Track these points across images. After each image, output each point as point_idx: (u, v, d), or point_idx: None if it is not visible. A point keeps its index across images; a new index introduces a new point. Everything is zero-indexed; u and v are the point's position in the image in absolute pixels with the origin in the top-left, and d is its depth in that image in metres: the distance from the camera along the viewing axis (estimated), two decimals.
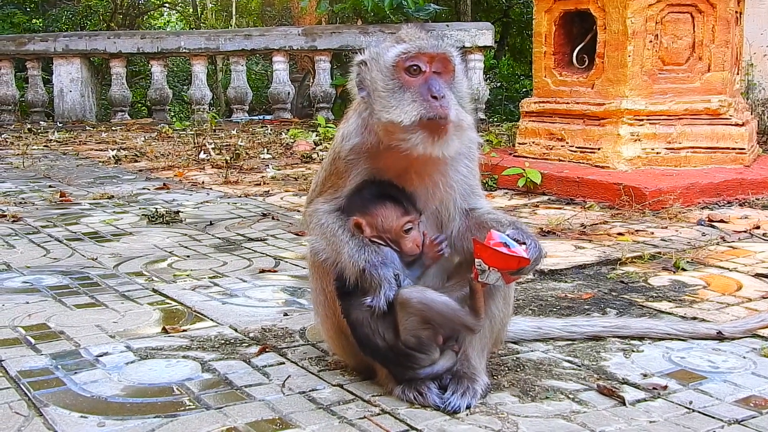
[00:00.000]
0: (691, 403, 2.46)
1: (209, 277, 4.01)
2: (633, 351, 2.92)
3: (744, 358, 2.84)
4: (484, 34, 13.29)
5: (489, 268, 2.31)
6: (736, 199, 5.88)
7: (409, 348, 2.42)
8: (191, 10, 26.16)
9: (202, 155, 8.95)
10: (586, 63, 6.85)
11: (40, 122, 13.90)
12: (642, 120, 6.40)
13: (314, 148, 9.59)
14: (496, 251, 2.29)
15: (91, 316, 3.37)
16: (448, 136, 2.39)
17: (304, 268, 4.07)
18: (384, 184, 2.51)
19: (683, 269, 4.05)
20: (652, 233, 4.89)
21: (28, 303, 3.54)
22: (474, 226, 2.57)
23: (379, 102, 2.43)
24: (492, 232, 2.35)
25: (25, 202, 6.21)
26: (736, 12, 6.74)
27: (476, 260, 2.33)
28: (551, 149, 6.91)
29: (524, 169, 6.36)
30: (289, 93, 14.13)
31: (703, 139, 6.44)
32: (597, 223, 5.21)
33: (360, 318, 2.45)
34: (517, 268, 2.33)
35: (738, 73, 7.19)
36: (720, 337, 3.02)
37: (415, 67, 2.40)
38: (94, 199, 6.39)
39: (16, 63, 14.48)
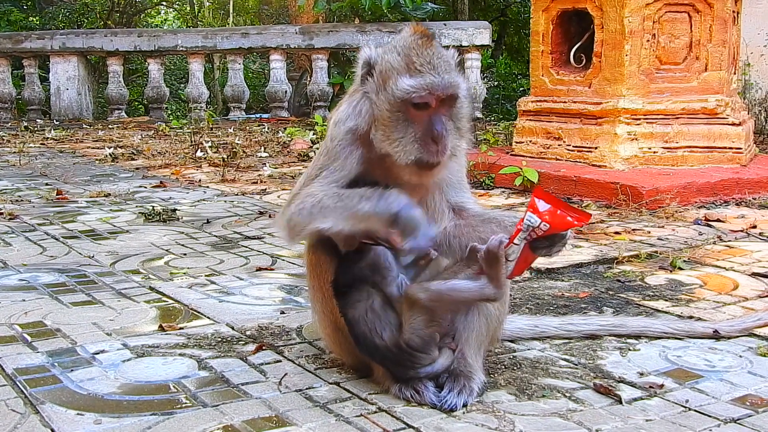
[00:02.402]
0: (687, 401, 2.46)
1: (206, 275, 4.00)
2: (630, 350, 2.92)
3: (740, 357, 2.85)
4: (481, 33, 13.30)
5: (540, 224, 2.21)
6: (733, 198, 5.88)
7: (411, 348, 2.42)
8: (188, 8, 26.14)
9: (199, 153, 8.94)
10: (584, 62, 6.85)
11: (37, 120, 13.87)
12: (639, 119, 6.41)
13: (311, 147, 9.58)
14: (562, 202, 2.23)
15: (88, 313, 3.37)
16: (437, 170, 2.44)
17: (301, 266, 4.06)
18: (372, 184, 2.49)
19: (680, 268, 4.05)
20: (649, 232, 4.89)
21: (24, 300, 3.54)
22: (477, 224, 2.57)
23: (381, 129, 2.41)
24: (535, 198, 2.28)
25: (22, 200, 6.20)
26: (734, 11, 6.75)
27: (527, 214, 2.22)
28: (548, 148, 6.91)
29: (521, 168, 6.36)
30: (286, 91, 14.12)
31: (700, 139, 6.44)
32: (594, 222, 5.21)
33: (356, 316, 2.45)
34: (577, 225, 2.25)
35: (735, 73, 7.20)
36: (716, 336, 3.03)
37: (423, 104, 2.37)
38: (90, 197, 6.38)
39: (12, 61, 14.45)
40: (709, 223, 5.12)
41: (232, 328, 3.18)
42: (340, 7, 15.23)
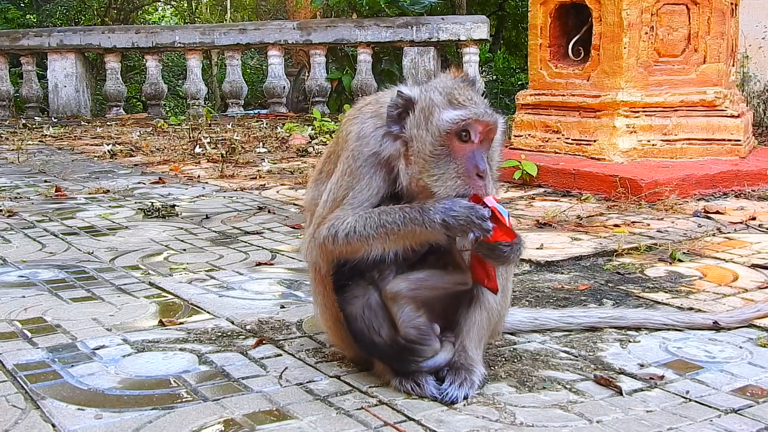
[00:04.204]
0: (687, 392, 2.46)
1: (205, 271, 4.00)
2: (630, 341, 2.93)
3: (740, 348, 2.85)
4: (479, 27, 13.27)
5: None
6: (732, 190, 5.88)
7: (410, 341, 2.42)
8: (186, 4, 26.12)
9: (197, 149, 8.93)
10: (582, 55, 6.85)
11: (35, 117, 13.86)
12: (638, 112, 6.40)
13: (310, 142, 9.57)
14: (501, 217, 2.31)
15: (88, 309, 3.37)
16: None
17: (301, 260, 4.07)
18: None
19: (679, 260, 4.05)
20: (648, 225, 4.89)
21: (24, 297, 3.54)
22: None
23: (422, 164, 2.38)
24: (490, 197, 2.35)
25: (21, 197, 6.19)
26: (732, 4, 6.74)
27: None
28: (547, 141, 6.91)
29: (520, 162, 6.35)
30: (284, 87, 14.11)
31: (698, 131, 6.44)
32: (593, 215, 5.21)
33: (354, 313, 2.45)
34: (506, 239, 2.33)
35: (734, 65, 7.19)
36: (716, 327, 3.03)
37: (466, 134, 2.37)
38: (89, 193, 6.38)
39: (10, 58, 14.44)
40: (709, 215, 5.12)
41: (232, 323, 3.18)
42: (337, 2, 15.23)
